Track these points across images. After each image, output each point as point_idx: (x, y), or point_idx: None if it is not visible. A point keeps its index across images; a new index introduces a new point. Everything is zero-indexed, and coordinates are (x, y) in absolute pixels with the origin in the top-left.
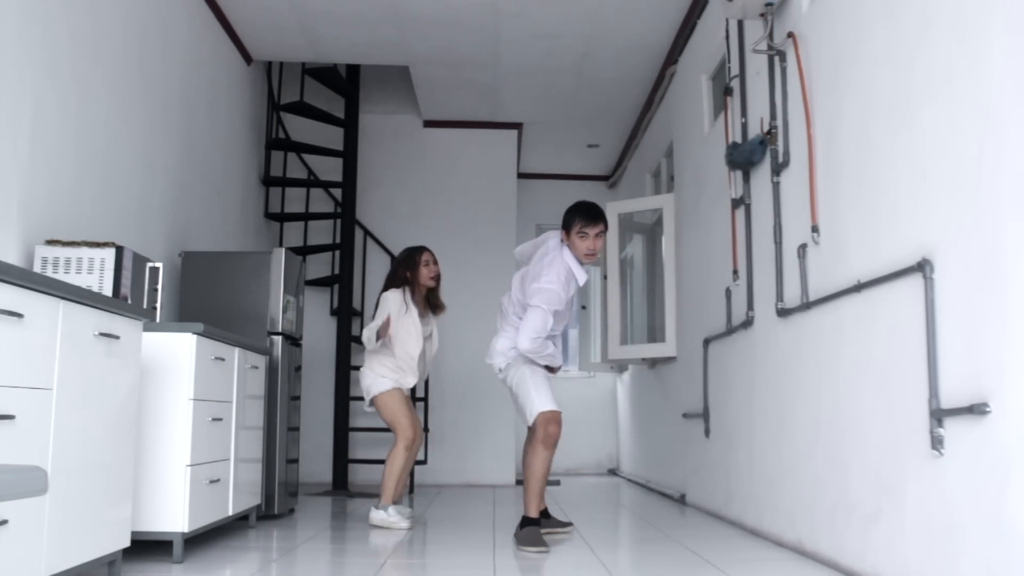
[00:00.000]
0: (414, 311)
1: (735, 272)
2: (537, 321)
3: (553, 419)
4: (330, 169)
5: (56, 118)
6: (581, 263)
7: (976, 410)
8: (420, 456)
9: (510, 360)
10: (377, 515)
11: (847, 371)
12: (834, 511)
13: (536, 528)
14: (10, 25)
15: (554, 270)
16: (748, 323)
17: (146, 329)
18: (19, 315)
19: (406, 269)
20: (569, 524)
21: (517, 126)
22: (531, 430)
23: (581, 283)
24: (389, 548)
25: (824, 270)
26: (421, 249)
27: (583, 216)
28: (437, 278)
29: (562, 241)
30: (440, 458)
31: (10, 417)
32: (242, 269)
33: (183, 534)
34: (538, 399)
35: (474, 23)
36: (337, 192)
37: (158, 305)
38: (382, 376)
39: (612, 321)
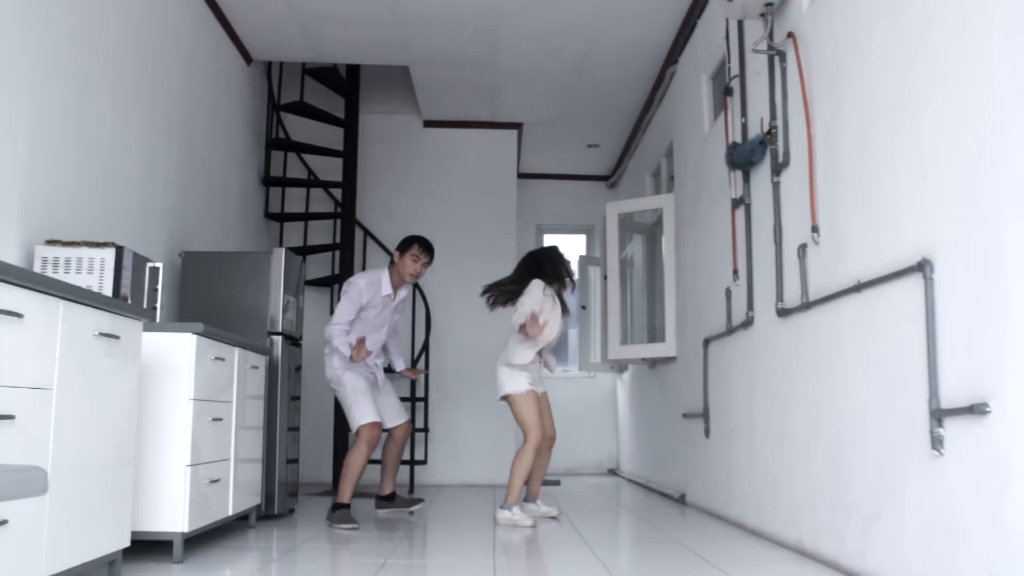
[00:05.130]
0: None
1: (735, 272)
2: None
3: (376, 427)
4: (330, 169)
5: (56, 118)
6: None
7: (976, 410)
8: (420, 456)
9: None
10: (503, 515)
11: (847, 371)
12: (834, 511)
13: (347, 511)
14: (10, 25)
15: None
16: (748, 323)
17: (146, 329)
18: (19, 315)
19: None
20: (420, 500)
21: (517, 126)
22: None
23: (397, 299)
24: (389, 548)
25: (824, 270)
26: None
27: (421, 245)
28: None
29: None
30: (440, 458)
31: (10, 417)
32: (242, 269)
33: (183, 534)
34: (358, 411)
35: (474, 23)
36: (337, 192)
37: (158, 305)
38: (519, 376)
39: (612, 321)
